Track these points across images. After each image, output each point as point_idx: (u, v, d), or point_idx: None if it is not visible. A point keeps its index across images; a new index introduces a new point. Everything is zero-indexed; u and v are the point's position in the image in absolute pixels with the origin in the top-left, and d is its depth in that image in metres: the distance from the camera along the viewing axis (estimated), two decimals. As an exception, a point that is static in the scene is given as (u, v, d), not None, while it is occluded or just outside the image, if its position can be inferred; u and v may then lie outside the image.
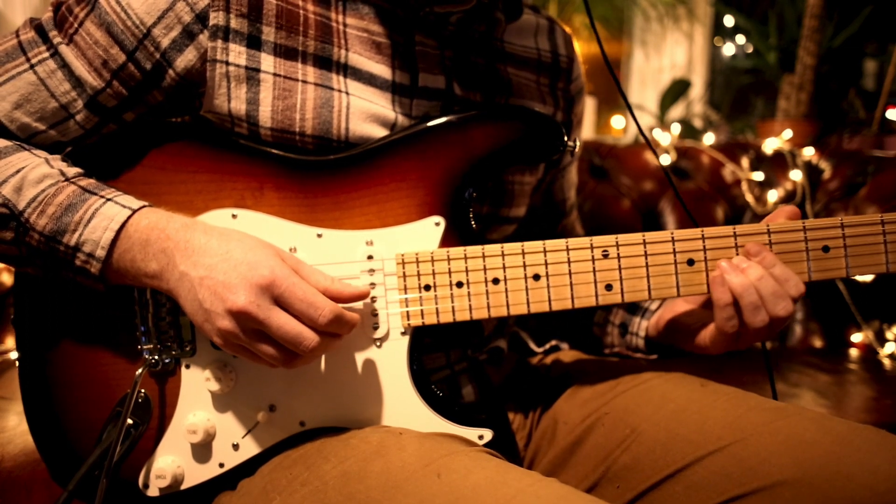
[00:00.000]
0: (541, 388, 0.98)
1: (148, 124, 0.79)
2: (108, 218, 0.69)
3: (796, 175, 1.88)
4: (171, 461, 0.76)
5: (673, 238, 0.76)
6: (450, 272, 0.75)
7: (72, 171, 0.74)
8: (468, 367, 0.92)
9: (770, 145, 1.95)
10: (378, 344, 0.76)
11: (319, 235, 0.76)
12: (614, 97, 3.85)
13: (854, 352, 1.68)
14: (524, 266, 0.75)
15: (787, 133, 2.01)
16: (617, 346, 1.02)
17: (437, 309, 0.75)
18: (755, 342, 0.78)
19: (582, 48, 1.05)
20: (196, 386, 0.76)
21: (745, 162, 1.90)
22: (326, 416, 0.76)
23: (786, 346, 1.76)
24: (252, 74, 0.76)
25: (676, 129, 2.16)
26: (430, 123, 0.78)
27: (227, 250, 0.66)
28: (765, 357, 0.91)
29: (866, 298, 1.71)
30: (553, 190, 1.07)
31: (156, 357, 0.76)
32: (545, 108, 0.96)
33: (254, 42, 0.76)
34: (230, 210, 0.76)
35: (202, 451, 0.77)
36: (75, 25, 0.74)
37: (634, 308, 0.98)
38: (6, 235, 0.71)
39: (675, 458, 0.73)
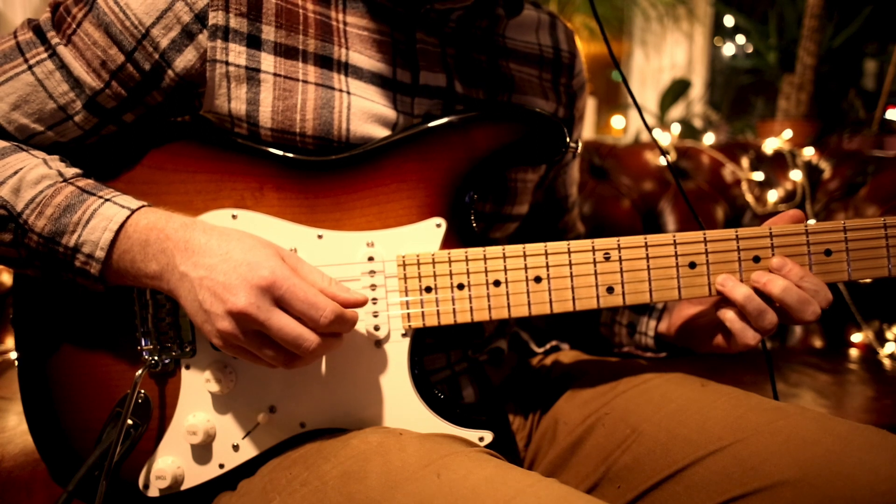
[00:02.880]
0: (541, 389, 0.97)
1: (148, 124, 0.79)
2: (106, 218, 0.69)
3: (796, 175, 1.88)
4: (171, 462, 0.76)
5: (675, 241, 0.76)
6: (451, 274, 0.75)
7: (70, 171, 0.73)
8: (468, 367, 0.92)
9: (770, 145, 1.95)
10: (379, 345, 0.76)
11: (320, 236, 0.76)
12: (614, 97, 3.85)
13: (854, 352, 1.68)
14: (525, 268, 0.75)
15: (787, 133, 2.01)
16: (626, 346, 1.02)
17: (437, 311, 0.75)
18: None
19: (582, 48, 1.05)
20: (196, 387, 0.76)
21: (745, 162, 1.90)
22: (327, 417, 0.76)
23: (786, 346, 1.76)
24: (252, 74, 0.75)
25: (676, 129, 2.16)
26: (431, 124, 0.78)
27: (227, 250, 0.66)
28: (766, 358, 0.91)
29: (866, 298, 1.71)
30: (555, 186, 1.07)
31: (156, 358, 0.76)
32: (547, 104, 0.96)
33: (254, 42, 0.75)
34: (230, 210, 0.76)
35: (202, 451, 0.77)
36: (73, 26, 0.74)
37: (641, 307, 0.98)
38: (5, 237, 0.71)
39: (675, 459, 0.73)
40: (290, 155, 0.77)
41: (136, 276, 0.70)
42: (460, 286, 0.75)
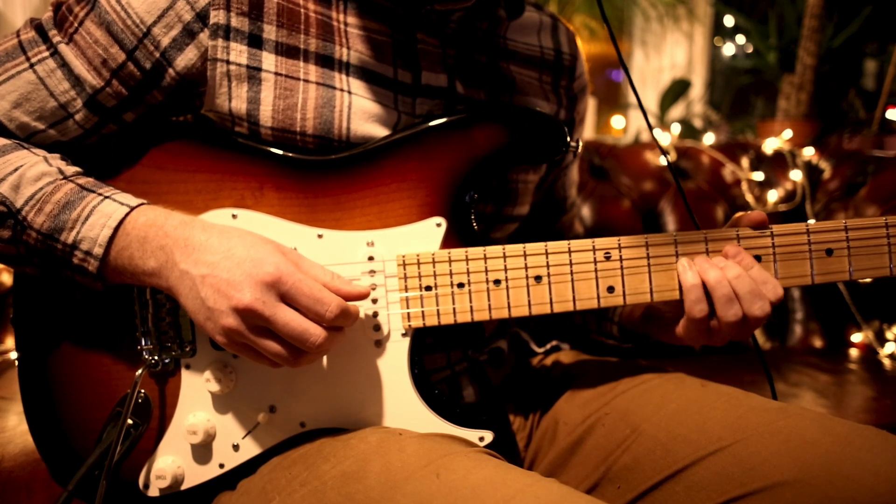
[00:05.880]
0: (541, 389, 0.97)
1: (148, 123, 0.79)
2: (105, 215, 0.69)
3: (796, 175, 1.88)
4: (171, 461, 0.76)
5: (675, 241, 0.76)
6: (451, 273, 0.75)
7: (70, 169, 0.74)
8: (469, 367, 0.92)
9: (770, 145, 1.95)
10: (379, 345, 0.76)
11: (320, 236, 0.76)
12: (614, 97, 3.85)
13: (854, 352, 1.68)
14: (526, 268, 0.75)
15: (787, 133, 2.01)
16: (594, 333, 1.02)
17: (437, 310, 0.75)
18: (730, 339, 0.77)
19: (582, 48, 1.05)
20: (196, 386, 0.76)
21: (745, 162, 1.90)
22: (327, 417, 0.76)
23: (786, 346, 1.76)
24: (253, 73, 0.75)
25: (676, 129, 2.16)
26: (432, 123, 0.78)
27: (229, 248, 0.66)
28: (761, 359, 0.91)
29: (866, 298, 1.71)
30: (555, 188, 1.07)
31: (156, 357, 0.76)
32: (548, 107, 0.96)
33: (255, 41, 0.75)
34: (230, 210, 0.76)
35: (202, 451, 0.77)
36: (75, 25, 0.74)
37: None
38: (4, 234, 0.71)
39: (675, 459, 0.73)
40: (291, 154, 0.77)
41: (133, 273, 0.70)
42: (460, 285, 0.75)
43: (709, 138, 2.03)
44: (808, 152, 1.95)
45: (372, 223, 0.76)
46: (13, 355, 1.39)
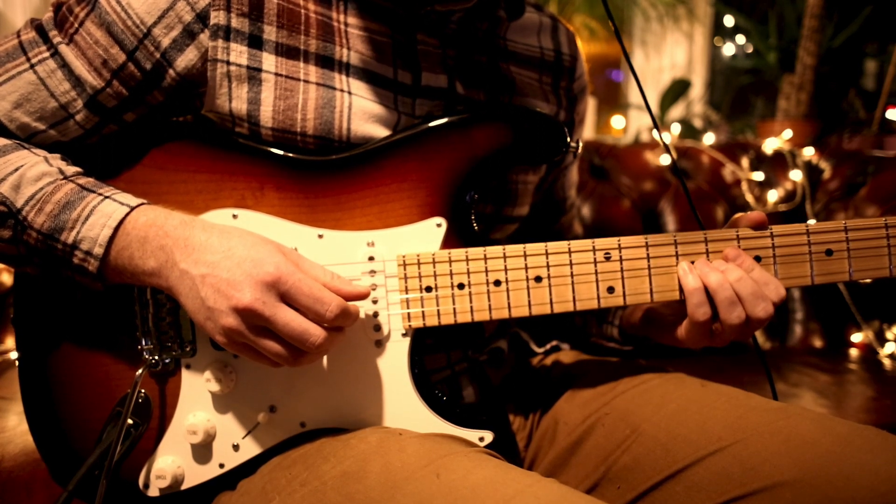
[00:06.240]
0: (541, 389, 0.98)
1: (148, 123, 0.79)
2: (105, 215, 0.69)
3: (796, 175, 1.88)
4: (171, 461, 0.76)
5: (675, 241, 0.76)
6: (451, 274, 0.75)
7: (70, 169, 0.74)
8: (469, 367, 0.92)
9: (770, 145, 1.95)
10: (379, 345, 0.76)
11: (320, 236, 0.76)
12: (614, 97, 3.85)
13: (854, 352, 1.68)
14: (526, 268, 0.75)
15: (787, 133, 2.01)
16: (594, 336, 1.02)
17: (438, 310, 0.75)
18: (732, 340, 0.77)
19: (582, 48, 1.05)
20: (196, 386, 0.76)
21: (745, 162, 1.90)
22: (327, 417, 0.76)
23: (786, 346, 1.76)
24: (253, 74, 0.75)
25: (676, 129, 2.16)
26: (432, 124, 0.78)
27: (229, 247, 0.66)
28: (761, 358, 0.91)
29: (866, 298, 1.71)
30: (554, 189, 1.07)
31: (156, 357, 0.76)
32: (548, 107, 0.96)
33: (255, 41, 0.75)
34: (230, 210, 0.76)
35: (202, 451, 0.77)
36: (76, 25, 0.74)
37: None
38: (4, 234, 0.71)
39: (675, 459, 0.73)
40: (291, 154, 0.77)
41: (133, 273, 0.70)
42: (461, 286, 0.75)
43: (709, 138, 2.03)
44: (808, 152, 1.95)
45: (372, 223, 0.77)
46: (13, 355, 1.39)
